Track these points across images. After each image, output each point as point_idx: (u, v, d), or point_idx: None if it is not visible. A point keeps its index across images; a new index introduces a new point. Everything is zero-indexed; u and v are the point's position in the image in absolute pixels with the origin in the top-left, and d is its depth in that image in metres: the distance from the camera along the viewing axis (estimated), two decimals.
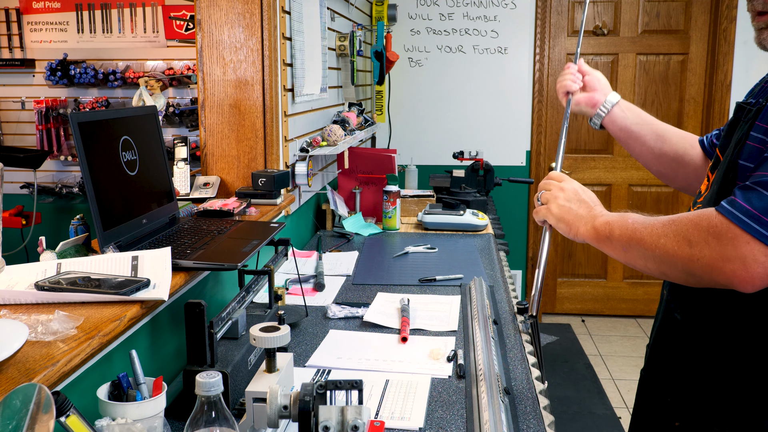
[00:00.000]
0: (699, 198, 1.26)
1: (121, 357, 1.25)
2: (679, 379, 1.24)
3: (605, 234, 1.15)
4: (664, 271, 1.07)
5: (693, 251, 1.00)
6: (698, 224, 1.00)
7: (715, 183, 1.17)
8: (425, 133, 4.53)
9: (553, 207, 1.24)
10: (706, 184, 1.26)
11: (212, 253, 1.40)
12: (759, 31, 1.15)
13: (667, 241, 1.03)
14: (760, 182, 0.98)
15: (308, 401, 0.98)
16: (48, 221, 3.76)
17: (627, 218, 1.13)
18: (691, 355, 1.21)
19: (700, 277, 1.01)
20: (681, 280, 1.06)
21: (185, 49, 3.73)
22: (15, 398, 0.75)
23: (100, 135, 1.36)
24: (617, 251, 1.14)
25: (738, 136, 1.14)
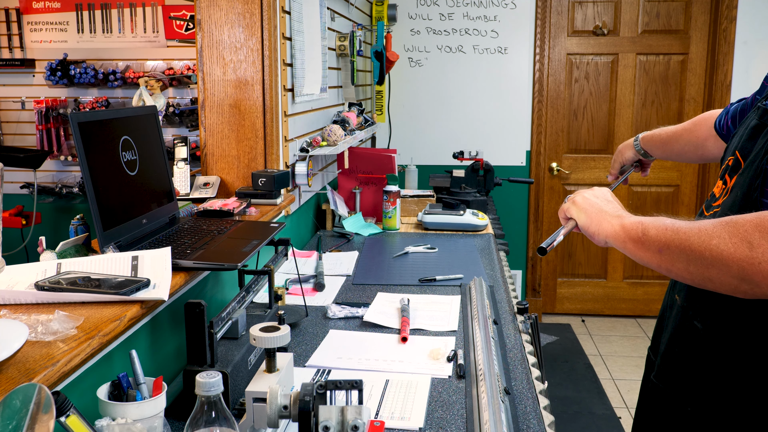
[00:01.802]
0: (715, 202, 1.22)
1: (121, 357, 1.25)
2: (701, 390, 1.19)
3: (636, 233, 1.09)
4: (710, 275, 0.99)
5: (754, 254, 0.93)
6: (760, 225, 0.94)
7: (738, 188, 1.14)
8: (425, 133, 4.53)
9: (578, 198, 1.24)
10: (721, 188, 1.22)
11: (212, 253, 1.40)
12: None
13: (721, 242, 0.96)
14: None
15: (308, 401, 0.98)
16: (48, 221, 3.76)
17: (663, 220, 1.07)
18: (715, 365, 1.17)
19: (756, 284, 0.94)
20: (729, 286, 0.98)
21: (185, 49, 3.73)
22: (15, 398, 0.75)
23: (100, 135, 1.36)
24: (649, 253, 1.07)
25: (766, 143, 1.10)
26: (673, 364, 1.28)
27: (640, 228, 1.08)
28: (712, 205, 1.24)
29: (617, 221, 1.14)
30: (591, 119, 4.59)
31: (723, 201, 1.19)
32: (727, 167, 1.23)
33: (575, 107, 4.59)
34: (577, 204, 1.23)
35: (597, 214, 1.18)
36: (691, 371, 1.23)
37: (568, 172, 4.65)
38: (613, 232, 1.13)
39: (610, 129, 4.57)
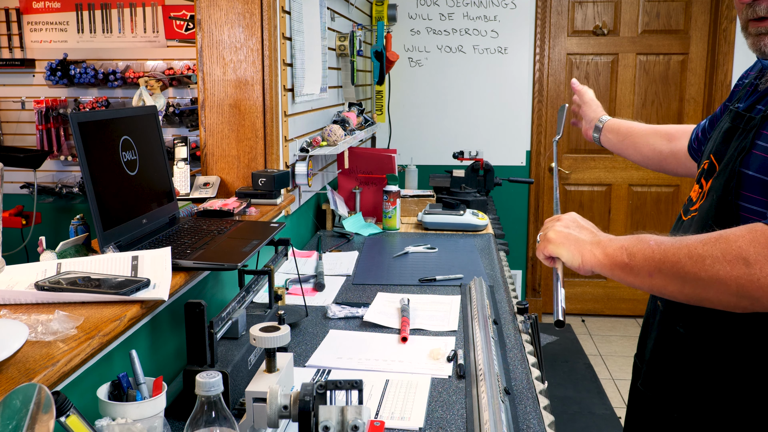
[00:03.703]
0: (692, 206, 1.21)
1: (121, 357, 1.25)
2: (687, 395, 1.19)
3: (622, 260, 1.05)
4: (707, 296, 0.97)
5: (752, 270, 0.91)
6: (755, 240, 0.92)
7: (714, 192, 1.13)
8: (425, 133, 4.53)
9: (550, 234, 1.17)
10: (698, 192, 1.21)
11: (212, 253, 1.40)
12: (758, 37, 1.11)
13: (716, 261, 0.94)
14: None
15: (308, 401, 0.98)
16: (48, 221, 3.76)
17: (647, 241, 1.03)
18: (699, 369, 1.16)
19: (757, 300, 0.93)
20: (729, 304, 0.96)
21: (185, 49, 3.73)
22: (15, 398, 0.75)
23: (100, 135, 1.36)
24: (640, 278, 1.03)
25: (740, 145, 1.10)
26: (659, 371, 1.27)
27: (624, 254, 1.05)
28: (689, 210, 1.22)
29: (599, 250, 1.10)
30: None
31: (700, 205, 1.17)
32: (703, 171, 1.22)
33: None
34: (553, 240, 1.16)
35: (576, 246, 1.13)
36: (676, 377, 1.21)
37: (568, 172, 4.65)
38: (597, 261, 1.10)
39: None
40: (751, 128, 1.09)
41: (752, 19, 1.10)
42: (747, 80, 1.30)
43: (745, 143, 1.08)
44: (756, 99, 1.16)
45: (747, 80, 1.30)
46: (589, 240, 1.12)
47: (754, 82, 1.24)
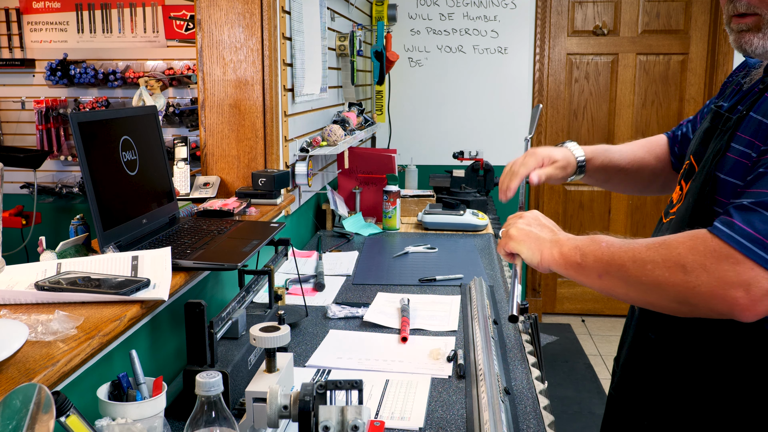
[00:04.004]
0: (672, 208, 1.20)
1: (121, 357, 1.25)
2: (656, 402, 1.18)
3: (575, 260, 1.05)
4: (650, 300, 0.99)
5: (689, 278, 0.91)
6: (693, 248, 0.92)
7: (690, 195, 1.11)
8: (425, 133, 4.53)
9: (512, 231, 1.16)
10: (678, 193, 1.19)
11: (212, 253, 1.40)
12: (739, 34, 1.07)
13: (656, 267, 0.94)
14: (762, 203, 0.91)
15: (308, 401, 0.98)
16: (48, 221, 3.76)
17: (599, 242, 1.03)
18: (667, 376, 1.15)
19: (695, 306, 0.93)
20: (670, 309, 0.98)
21: (185, 49, 3.73)
22: (15, 398, 0.75)
23: (100, 135, 1.36)
24: (591, 278, 1.04)
25: (716, 147, 1.08)
26: (631, 377, 1.25)
27: (578, 253, 1.05)
28: (669, 212, 1.21)
29: (556, 248, 1.09)
30: (591, 119, 4.59)
31: (678, 207, 1.16)
32: (684, 171, 1.20)
33: (575, 107, 4.59)
34: (514, 237, 1.16)
35: (535, 243, 1.12)
36: (646, 384, 1.20)
37: None
38: (554, 259, 1.09)
39: (610, 129, 4.57)
40: (728, 129, 1.07)
41: (735, 15, 1.07)
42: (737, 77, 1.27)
43: (721, 145, 1.06)
44: (739, 99, 1.14)
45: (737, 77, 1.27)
46: (548, 238, 1.12)
47: (740, 81, 1.22)
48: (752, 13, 1.04)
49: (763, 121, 1.00)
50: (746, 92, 1.12)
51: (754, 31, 1.05)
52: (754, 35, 1.05)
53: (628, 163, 1.47)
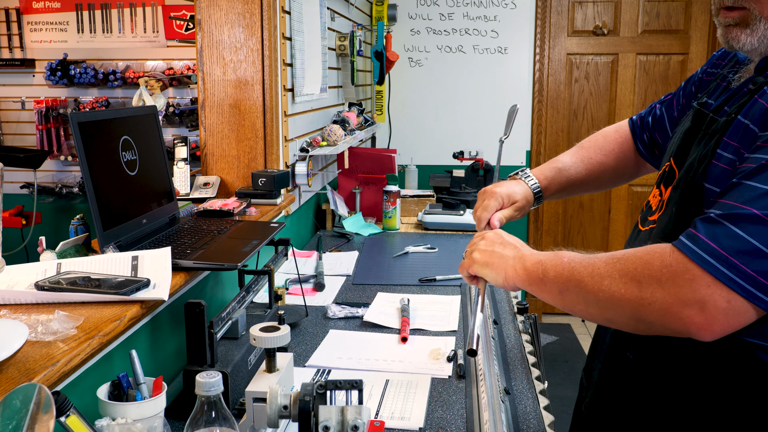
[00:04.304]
0: (651, 215, 1.12)
1: (121, 357, 1.25)
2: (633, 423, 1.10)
3: (537, 275, 1.02)
4: (609, 317, 0.95)
5: (643, 294, 0.87)
6: (648, 263, 0.88)
7: (674, 204, 1.04)
8: (425, 133, 4.53)
9: (475, 254, 1.13)
10: (657, 199, 1.12)
11: (212, 253, 1.40)
12: (726, 28, 1.02)
13: (612, 282, 0.91)
14: (729, 215, 0.85)
15: (308, 401, 0.98)
16: (48, 221, 3.76)
17: (561, 257, 1.00)
18: (647, 400, 1.08)
19: (650, 324, 0.89)
20: (629, 327, 0.94)
21: (185, 49, 3.73)
22: (15, 398, 0.75)
23: (100, 135, 1.36)
24: (552, 295, 1.00)
25: (701, 152, 1.00)
26: (607, 397, 1.18)
27: (540, 269, 1.02)
28: (647, 219, 1.13)
29: (519, 264, 1.06)
30: (591, 119, 4.59)
31: (659, 216, 1.09)
32: (663, 174, 1.13)
33: (575, 107, 4.59)
34: (477, 260, 1.13)
35: (499, 263, 1.09)
36: (624, 406, 1.13)
37: None
38: (518, 275, 1.06)
39: None
40: (713, 133, 1.00)
41: (723, 8, 1.02)
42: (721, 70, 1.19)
43: (707, 150, 0.99)
44: (726, 98, 1.06)
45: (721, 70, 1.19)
46: (512, 255, 1.09)
47: (726, 76, 1.14)
48: (740, 7, 0.99)
49: (749, 126, 0.93)
50: (734, 91, 1.05)
51: (741, 27, 0.99)
52: (741, 31, 1.00)
53: (586, 174, 1.43)
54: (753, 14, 0.98)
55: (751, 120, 0.94)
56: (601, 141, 1.46)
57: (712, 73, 1.23)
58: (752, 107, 0.95)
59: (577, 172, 1.43)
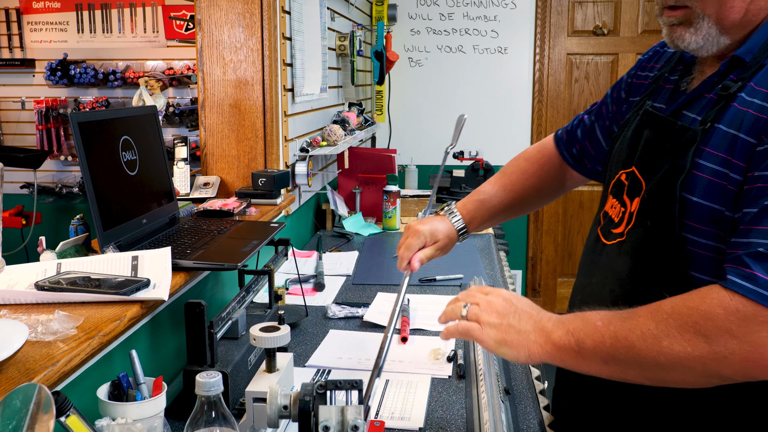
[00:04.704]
0: (615, 228, 1.08)
1: (121, 357, 1.25)
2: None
3: (570, 348, 0.93)
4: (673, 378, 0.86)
5: (715, 348, 0.81)
6: (709, 313, 0.82)
7: (646, 217, 1.00)
8: (425, 133, 4.53)
9: (488, 331, 0.99)
10: (619, 210, 1.08)
11: (212, 253, 1.40)
12: (671, 28, 1.00)
13: (674, 342, 0.83)
14: None
15: (308, 401, 0.98)
16: (48, 221, 3.76)
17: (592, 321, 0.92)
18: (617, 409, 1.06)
19: (726, 377, 0.83)
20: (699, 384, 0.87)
21: (185, 49, 3.73)
22: (15, 398, 0.75)
23: (100, 135, 1.36)
24: (593, 366, 0.92)
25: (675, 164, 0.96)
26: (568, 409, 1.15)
27: (572, 340, 0.93)
28: (612, 232, 1.09)
29: (543, 338, 0.95)
30: None
31: (628, 230, 1.04)
32: (622, 185, 1.09)
33: (575, 107, 4.59)
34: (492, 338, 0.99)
35: (519, 339, 0.97)
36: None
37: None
38: (545, 352, 0.95)
39: None
40: (688, 143, 0.96)
41: (666, 7, 1.00)
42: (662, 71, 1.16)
43: (684, 163, 0.95)
44: (683, 102, 1.03)
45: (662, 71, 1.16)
46: (532, 329, 0.97)
47: (669, 78, 1.12)
48: (683, 5, 0.97)
49: (739, 136, 0.90)
50: (692, 95, 1.03)
51: (685, 26, 0.98)
52: (685, 30, 0.98)
53: (509, 201, 1.42)
54: (696, 12, 0.97)
55: (739, 130, 0.91)
56: (523, 164, 1.44)
57: (643, 75, 1.21)
58: (734, 115, 0.92)
59: (500, 200, 1.42)
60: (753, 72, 0.93)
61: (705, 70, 1.04)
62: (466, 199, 1.42)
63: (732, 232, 0.90)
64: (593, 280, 1.12)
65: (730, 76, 0.97)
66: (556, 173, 1.42)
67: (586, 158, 1.36)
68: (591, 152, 1.34)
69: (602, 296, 1.08)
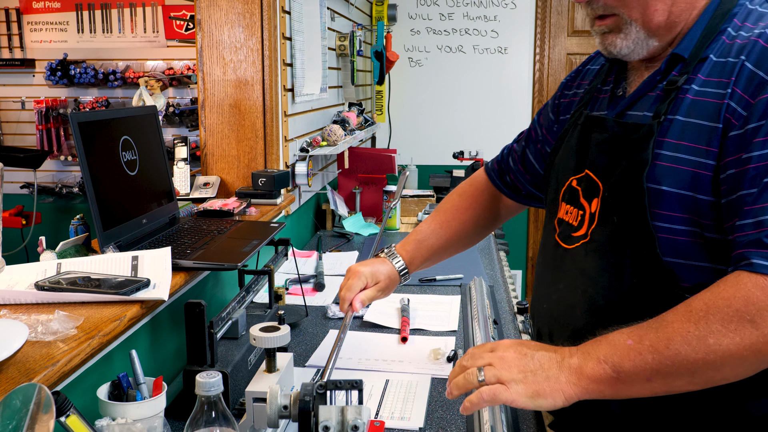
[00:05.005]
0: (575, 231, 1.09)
1: (121, 357, 1.25)
2: None
3: (608, 376, 0.89)
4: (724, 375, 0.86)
5: (763, 331, 0.82)
6: (749, 298, 0.83)
7: (613, 213, 1.02)
8: (425, 133, 4.53)
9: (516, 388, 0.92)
10: (577, 214, 1.10)
11: (212, 253, 1.40)
12: (602, 36, 1.05)
13: (720, 337, 0.83)
14: None
15: (308, 401, 0.98)
16: (48, 221, 3.76)
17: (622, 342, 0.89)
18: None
19: None
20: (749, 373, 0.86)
21: (185, 49, 3.73)
22: (15, 398, 0.75)
23: (100, 135, 1.36)
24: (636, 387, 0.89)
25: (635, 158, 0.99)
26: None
27: (608, 368, 0.89)
28: (573, 236, 1.10)
29: (575, 377, 0.91)
30: None
31: (592, 230, 1.05)
32: (575, 190, 1.11)
33: None
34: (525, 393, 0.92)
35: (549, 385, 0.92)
36: None
37: None
38: (582, 390, 0.91)
39: None
40: (646, 136, 0.99)
41: (596, 17, 1.05)
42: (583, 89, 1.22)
43: (645, 156, 0.98)
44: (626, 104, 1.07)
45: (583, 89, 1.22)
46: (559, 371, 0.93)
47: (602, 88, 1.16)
48: (611, 14, 1.03)
49: (703, 123, 0.94)
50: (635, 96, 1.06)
51: (615, 33, 1.03)
52: (616, 36, 1.03)
53: (447, 238, 1.44)
54: (623, 19, 1.02)
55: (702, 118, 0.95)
56: (457, 200, 1.48)
57: (570, 94, 1.27)
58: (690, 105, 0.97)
59: (437, 238, 1.44)
60: (695, 66, 0.98)
61: (641, 73, 1.09)
62: (405, 240, 1.45)
63: (710, 215, 0.94)
64: (560, 286, 1.12)
65: (672, 72, 1.01)
66: (489, 204, 1.47)
67: (521, 183, 1.41)
68: (526, 176, 1.39)
69: (573, 299, 1.08)
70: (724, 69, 0.95)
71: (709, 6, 1.01)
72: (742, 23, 0.98)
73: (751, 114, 0.91)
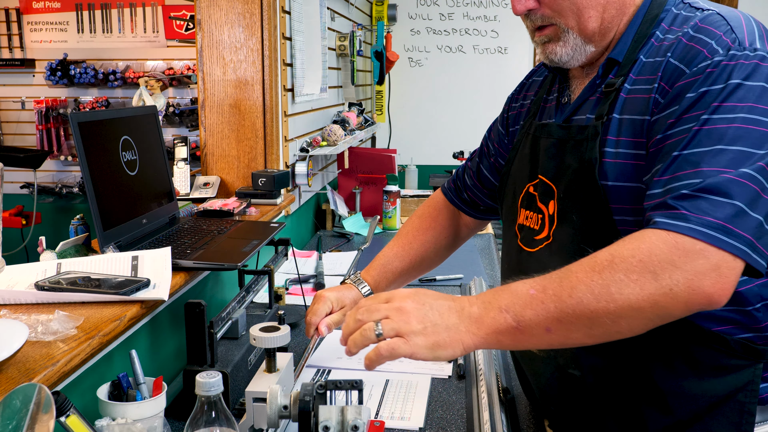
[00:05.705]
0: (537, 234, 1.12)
1: (121, 357, 1.25)
2: None
3: (509, 326, 0.89)
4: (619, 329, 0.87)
5: (661, 282, 0.83)
6: (652, 251, 0.85)
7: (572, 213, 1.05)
8: (425, 133, 4.53)
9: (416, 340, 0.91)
10: (537, 218, 1.13)
11: (212, 253, 1.40)
12: (543, 46, 1.10)
13: (622, 287, 0.84)
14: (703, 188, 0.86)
15: (308, 401, 0.98)
16: (48, 221, 3.76)
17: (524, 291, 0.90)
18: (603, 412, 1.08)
19: (671, 311, 0.85)
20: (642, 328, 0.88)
21: (185, 49, 3.73)
22: (15, 398, 0.75)
23: (100, 135, 1.36)
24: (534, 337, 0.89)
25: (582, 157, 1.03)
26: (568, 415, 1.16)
27: (509, 317, 0.89)
28: (535, 239, 1.12)
29: (476, 326, 0.91)
30: None
31: (553, 230, 1.08)
32: (532, 196, 1.15)
33: None
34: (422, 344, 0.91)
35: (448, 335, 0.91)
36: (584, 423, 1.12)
37: None
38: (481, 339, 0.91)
39: None
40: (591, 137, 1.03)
41: (536, 29, 1.10)
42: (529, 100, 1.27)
43: (591, 155, 1.02)
44: (572, 110, 1.12)
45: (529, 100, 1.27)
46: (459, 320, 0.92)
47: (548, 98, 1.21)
48: (549, 24, 1.07)
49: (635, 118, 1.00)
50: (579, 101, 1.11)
51: (554, 41, 1.08)
52: (555, 45, 1.08)
53: (410, 261, 1.45)
54: (561, 28, 1.07)
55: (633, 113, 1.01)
56: (417, 222, 1.50)
57: (517, 106, 1.32)
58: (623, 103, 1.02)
59: (401, 261, 1.45)
60: (629, 67, 1.04)
61: (582, 80, 1.14)
62: (369, 266, 1.46)
63: None
64: None
65: (609, 75, 1.07)
66: (449, 223, 1.50)
67: (479, 198, 1.45)
68: (483, 191, 1.43)
69: None
70: (652, 67, 1.01)
71: (638, 12, 1.07)
72: (669, 27, 1.03)
73: (668, 100, 0.96)
